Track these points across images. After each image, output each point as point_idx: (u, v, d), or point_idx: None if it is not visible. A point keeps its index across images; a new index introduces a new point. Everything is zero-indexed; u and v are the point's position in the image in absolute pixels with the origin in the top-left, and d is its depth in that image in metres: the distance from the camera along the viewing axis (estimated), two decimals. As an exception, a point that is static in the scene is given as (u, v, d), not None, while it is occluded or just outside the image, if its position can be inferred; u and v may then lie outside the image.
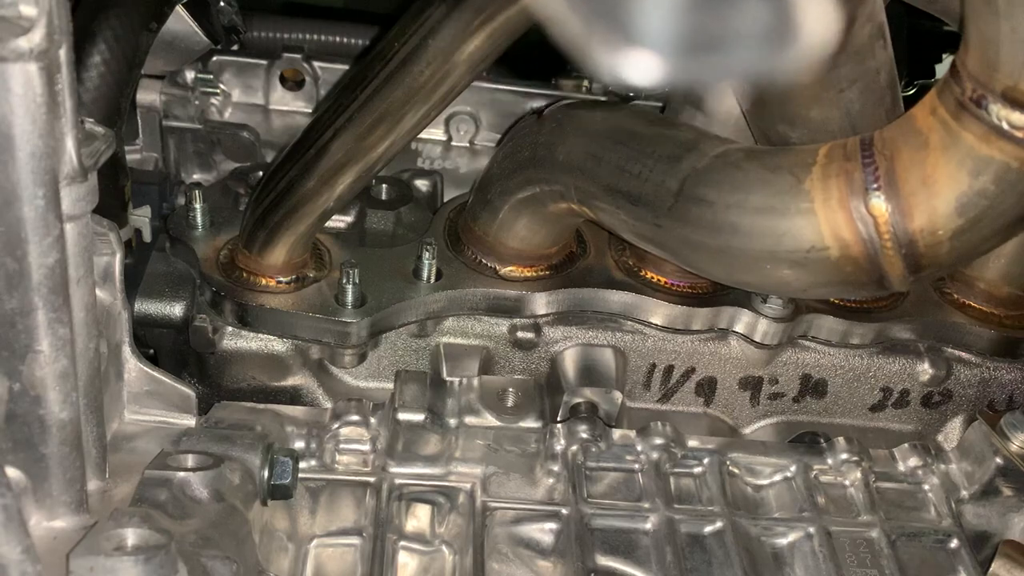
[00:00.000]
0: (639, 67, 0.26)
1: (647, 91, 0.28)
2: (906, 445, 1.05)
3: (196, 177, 1.22)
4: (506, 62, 1.36)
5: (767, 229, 0.80)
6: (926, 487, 1.04)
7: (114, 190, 0.96)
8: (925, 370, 1.07)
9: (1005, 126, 0.68)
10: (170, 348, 1.02)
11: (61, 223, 0.58)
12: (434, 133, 1.29)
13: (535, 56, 1.41)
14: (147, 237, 1.02)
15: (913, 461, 1.04)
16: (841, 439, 1.03)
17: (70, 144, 0.58)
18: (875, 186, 0.74)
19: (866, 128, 0.84)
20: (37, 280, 0.58)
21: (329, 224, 1.09)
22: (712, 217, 0.81)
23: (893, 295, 1.06)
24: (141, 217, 1.01)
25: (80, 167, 0.59)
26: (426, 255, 0.98)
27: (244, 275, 0.96)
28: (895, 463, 1.05)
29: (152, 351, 1.03)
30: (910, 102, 0.88)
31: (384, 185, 1.13)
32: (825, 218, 0.76)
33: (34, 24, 0.51)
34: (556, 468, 0.97)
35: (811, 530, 0.97)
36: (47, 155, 0.55)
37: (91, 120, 0.64)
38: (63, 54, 0.55)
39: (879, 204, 0.74)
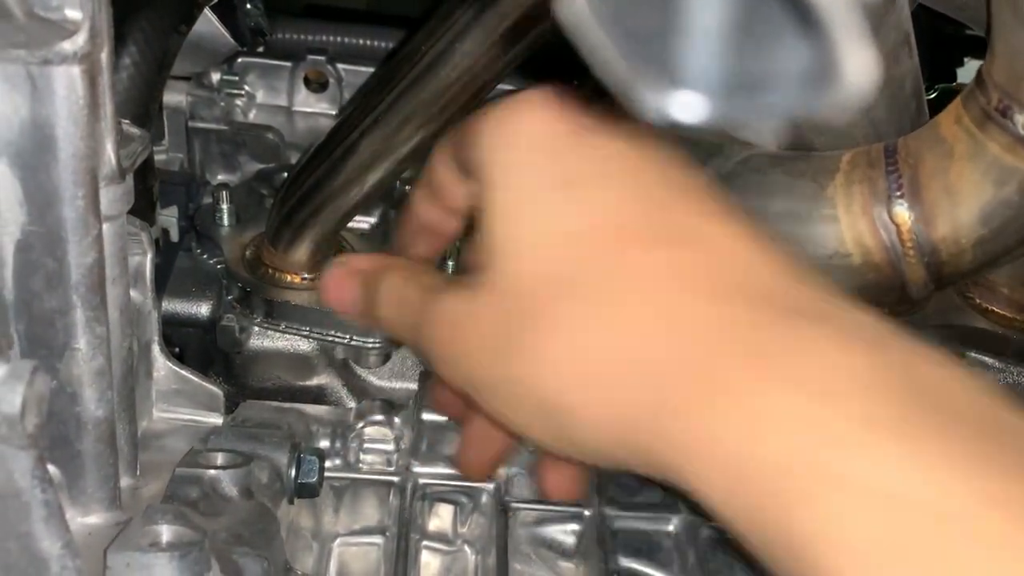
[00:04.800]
0: (685, 106, 0.26)
1: (691, 131, 0.26)
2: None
3: (221, 178, 1.23)
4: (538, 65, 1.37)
5: (789, 235, 0.80)
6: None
7: (144, 191, 0.97)
8: (948, 374, 1.07)
9: None
10: (197, 347, 1.03)
11: (100, 223, 0.59)
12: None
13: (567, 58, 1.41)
14: (175, 237, 1.03)
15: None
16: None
17: (109, 146, 0.59)
18: (898, 193, 0.75)
19: (890, 136, 0.84)
20: (76, 279, 0.59)
21: (353, 225, 1.10)
22: None
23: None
24: (169, 217, 1.02)
25: (118, 168, 0.60)
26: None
27: (269, 271, 0.97)
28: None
29: (178, 350, 1.04)
30: (932, 107, 0.88)
31: (408, 187, 1.14)
32: (848, 225, 0.77)
33: (79, 27, 0.52)
34: (578, 469, 0.98)
35: (834, 533, 0.97)
36: (88, 156, 0.56)
37: (127, 121, 0.64)
38: (104, 57, 0.56)
39: (902, 212, 0.75)
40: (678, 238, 0.55)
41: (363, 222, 1.12)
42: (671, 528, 0.97)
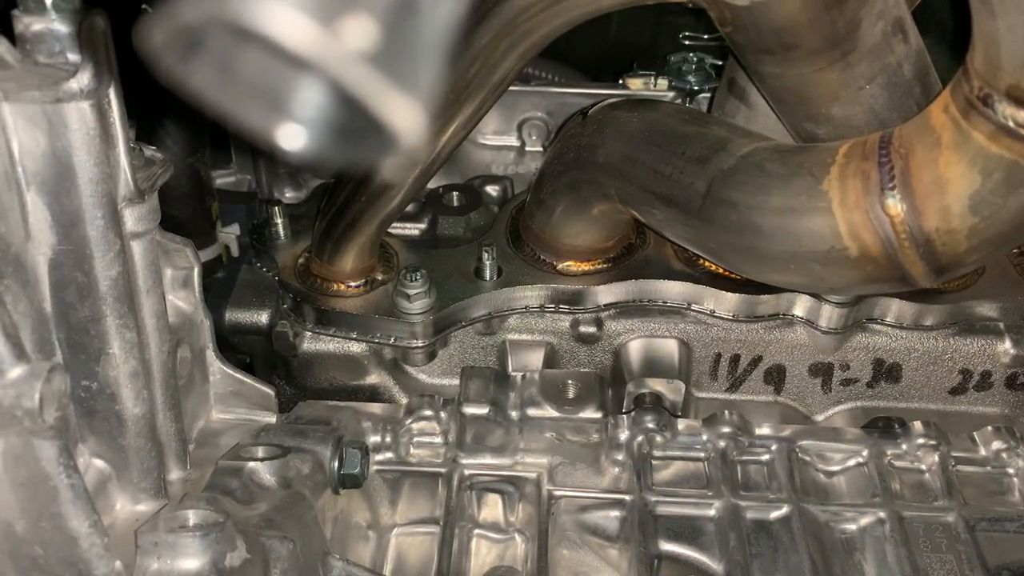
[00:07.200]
0: (290, 139, 0.30)
1: (296, 161, 0.31)
2: (988, 428, 1.02)
3: (289, 195, 1.31)
4: (575, 64, 1.40)
5: (787, 230, 0.80)
6: (1011, 471, 1.00)
7: (202, 210, 1.05)
8: (1007, 350, 1.03)
9: (1011, 124, 0.66)
10: (261, 353, 1.10)
11: (122, 240, 0.66)
12: (507, 140, 1.33)
13: (605, 57, 1.44)
14: (235, 252, 1.11)
15: (996, 444, 1.01)
16: (917, 423, 1.01)
17: (125, 170, 0.66)
18: (891, 185, 0.74)
19: (896, 120, 0.83)
20: (103, 290, 0.66)
21: (403, 231, 1.16)
22: (737, 219, 0.83)
23: (967, 274, 1.03)
24: (229, 234, 1.10)
25: (136, 190, 0.67)
26: (485, 256, 1.03)
27: (318, 281, 1.04)
28: (976, 447, 1.02)
29: (249, 359, 1.12)
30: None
31: (455, 193, 1.19)
32: (843, 218, 0.76)
33: (80, 68, 0.59)
34: (621, 457, 1.00)
35: (882, 515, 0.96)
36: (103, 180, 0.63)
37: (150, 147, 0.71)
38: (112, 92, 0.63)
39: (894, 204, 0.74)
40: None
41: (413, 228, 1.17)
42: (712, 513, 0.97)
